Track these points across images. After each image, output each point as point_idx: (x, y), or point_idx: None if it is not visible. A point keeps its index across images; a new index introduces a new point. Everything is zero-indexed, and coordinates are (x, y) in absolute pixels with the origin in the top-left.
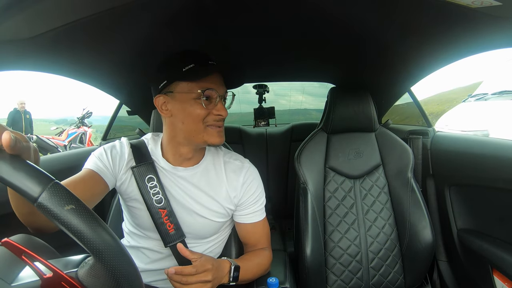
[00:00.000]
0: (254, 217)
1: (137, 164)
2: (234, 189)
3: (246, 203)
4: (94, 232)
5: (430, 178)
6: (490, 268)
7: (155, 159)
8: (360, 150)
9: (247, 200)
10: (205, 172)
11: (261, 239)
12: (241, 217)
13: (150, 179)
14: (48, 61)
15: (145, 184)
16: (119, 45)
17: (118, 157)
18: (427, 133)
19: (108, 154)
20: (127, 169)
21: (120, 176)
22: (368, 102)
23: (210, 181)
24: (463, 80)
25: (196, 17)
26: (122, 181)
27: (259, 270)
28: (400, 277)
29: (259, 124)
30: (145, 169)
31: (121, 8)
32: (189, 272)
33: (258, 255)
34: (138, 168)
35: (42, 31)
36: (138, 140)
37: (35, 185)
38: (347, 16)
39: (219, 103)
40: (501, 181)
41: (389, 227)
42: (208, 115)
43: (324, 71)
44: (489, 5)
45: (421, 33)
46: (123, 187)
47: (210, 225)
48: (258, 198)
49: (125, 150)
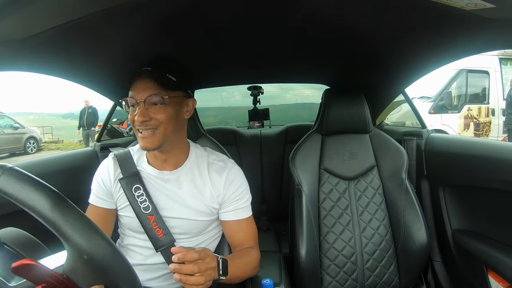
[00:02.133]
0: (237, 214)
1: (124, 176)
2: (217, 188)
3: (229, 200)
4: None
5: (424, 179)
6: (485, 268)
7: (141, 168)
8: (355, 152)
9: (229, 197)
10: (189, 173)
11: (246, 238)
12: (225, 214)
13: (137, 188)
14: (42, 62)
15: (132, 193)
16: (113, 47)
17: (107, 174)
18: (421, 135)
19: (100, 182)
20: (116, 182)
21: (114, 189)
22: (362, 104)
23: (194, 182)
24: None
25: (189, 18)
26: (115, 193)
27: (248, 268)
28: (395, 278)
29: (254, 126)
30: (131, 180)
31: (114, 10)
32: (192, 257)
33: (245, 253)
34: (125, 179)
35: (36, 32)
36: (124, 151)
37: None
38: (340, 18)
39: (138, 109)
40: (495, 182)
41: (383, 228)
42: (135, 120)
43: (318, 72)
44: (483, 7)
45: (414, 35)
46: (116, 198)
47: (197, 224)
48: (242, 196)
49: (111, 164)
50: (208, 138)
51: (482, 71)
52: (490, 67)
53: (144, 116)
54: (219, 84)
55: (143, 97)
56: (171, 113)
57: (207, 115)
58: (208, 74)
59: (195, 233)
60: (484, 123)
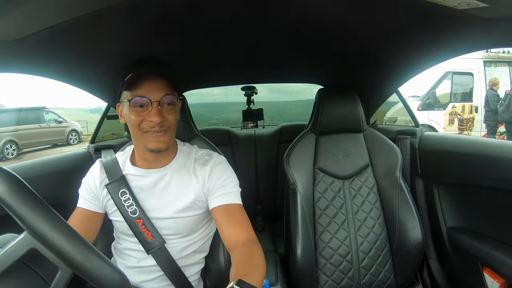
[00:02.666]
0: (226, 199)
1: (110, 181)
2: (202, 180)
3: (215, 187)
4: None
5: (418, 178)
6: (480, 265)
7: (126, 172)
8: (349, 151)
9: (215, 184)
10: (176, 171)
11: (241, 229)
12: (213, 200)
13: (123, 193)
14: (35, 63)
15: (119, 198)
16: (107, 48)
17: (93, 180)
18: (415, 133)
19: (90, 181)
20: (103, 187)
21: (101, 195)
22: (356, 103)
23: (181, 179)
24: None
25: (183, 19)
26: (103, 198)
27: (262, 271)
28: (390, 276)
29: (248, 126)
30: (117, 185)
31: (108, 10)
32: None
33: (249, 256)
34: (112, 185)
35: (29, 33)
36: (111, 158)
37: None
38: (333, 17)
39: (152, 110)
40: (489, 180)
41: (378, 226)
42: (143, 121)
43: (312, 72)
44: (475, 7)
45: (407, 34)
46: (104, 203)
47: (186, 221)
48: (228, 182)
49: (97, 170)
50: (202, 139)
51: (467, 73)
52: (474, 69)
53: (160, 117)
54: (213, 85)
55: (158, 97)
56: (177, 114)
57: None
58: (202, 75)
59: (185, 233)
60: (468, 119)
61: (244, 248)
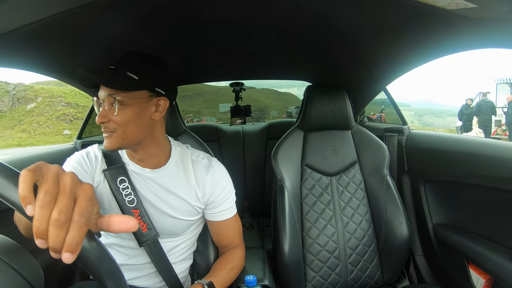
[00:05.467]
0: (224, 215)
1: (108, 167)
2: (202, 187)
3: (216, 201)
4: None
5: (405, 175)
6: (466, 261)
7: (125, 162)
8: (337, 148)
9: (216, 198)
10: (173, 173)
11: (233, 237)
12: (212, 215)
13: (122, 181)
14: (21, 58)
15: (117, 185)
16: (93, 43)
17: (93, 160)
18: (402, 131)
19: (85, 157)
20: (100, 172)
21: (96, 179)
22: (344, 100)
23: (178, 181)
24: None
25: (171, 14)
26: (97, 184)
27: (235, 273)
28: (377, 272)
29: (236, 122)
30: (116, 171)
31: (95, 4)
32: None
33: (231, 258)
34: (110, 170)
35: (13, 28)
36: None
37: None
38: (321, 15)
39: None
40: (474, 177)
41: (366, 223)
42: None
43: (300, 70)
44: (465, 7)
45: (396, 33)
46: (96, 190)
47: (181, 223)
48: (228, 196)
49: (98, 153)
50: (189, 135)
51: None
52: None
53: (102, 118)
54: (200, 81)
55: (103, 97)
56: (132, 115)
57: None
58: (189, 71)
59: (178, 232)
60: None
61: (230, 250)
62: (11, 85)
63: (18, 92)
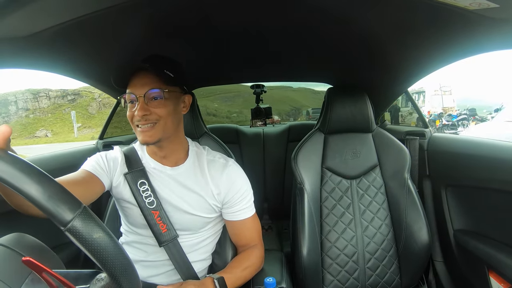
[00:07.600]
0: (242, 214)
1: (129, 170)
2: (217, 186)
3: (233, 201)
4: (116, 259)
5: (426, 179)
6: (486, 269)
7: (145, 162)
8: (357, 151)
9: (232, 197)
10: (190, 171)
11: (252, 237)
12: (229, 214)
13: (142, 183)
14: (44, 59)
15: (137, 188)
16: (116, 45)
17: (113, 162)
18: (424, 134)
19: (104, 158)
20: (121, 174)
21: (115, 179)
22: (365, 103)
23: (195, 179)
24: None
25: (193, 18)
26: (117, 184)
27: (250, 273)
28: (396, 278)
29: (256, 124)
30: (137, 175)
31: (119, 8)
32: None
33: (247, 257)
34: (131, 174)
35: (39, 30)
36: (129, 148)
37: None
38: (343, 16)
39: (138, 104)
40: (497, 182)
41: (385, 227)
42: (134, 116)
43: (321, 71)
44: (487, 7)
45: (417, 34)
46: (117, 190)
47: (198, 220)
48: (245, 195)
49: (119, 156)
50: (210, 137)
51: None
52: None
53: (144, 110)
54: (222, 83)
55: (142, 92)
56: (170, 108)
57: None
58: (211, 73)
59: (196, 229)
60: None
61: (248, 249)
62: (96, 93)
63: (103, 99)
